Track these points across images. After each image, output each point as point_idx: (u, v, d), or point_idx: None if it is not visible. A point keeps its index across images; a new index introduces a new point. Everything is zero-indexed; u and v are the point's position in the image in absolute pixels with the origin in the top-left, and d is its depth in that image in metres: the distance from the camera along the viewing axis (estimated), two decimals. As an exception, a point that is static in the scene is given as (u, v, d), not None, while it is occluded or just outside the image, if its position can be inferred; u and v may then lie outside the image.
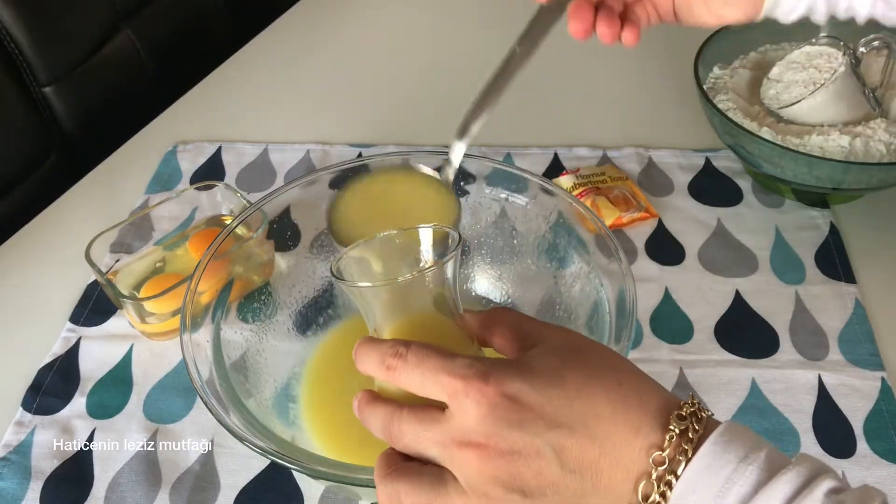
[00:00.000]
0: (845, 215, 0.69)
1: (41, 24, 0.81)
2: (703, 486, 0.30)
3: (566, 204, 0.53)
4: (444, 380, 0.32)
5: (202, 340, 0.47)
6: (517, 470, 0.31)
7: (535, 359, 0.33)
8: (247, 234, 0.54)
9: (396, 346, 0.34)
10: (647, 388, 0.33)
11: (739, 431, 0.31)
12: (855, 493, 0.29)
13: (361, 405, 0.36)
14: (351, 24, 1.01)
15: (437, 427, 0.33)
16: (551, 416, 0.31)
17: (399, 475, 0.34)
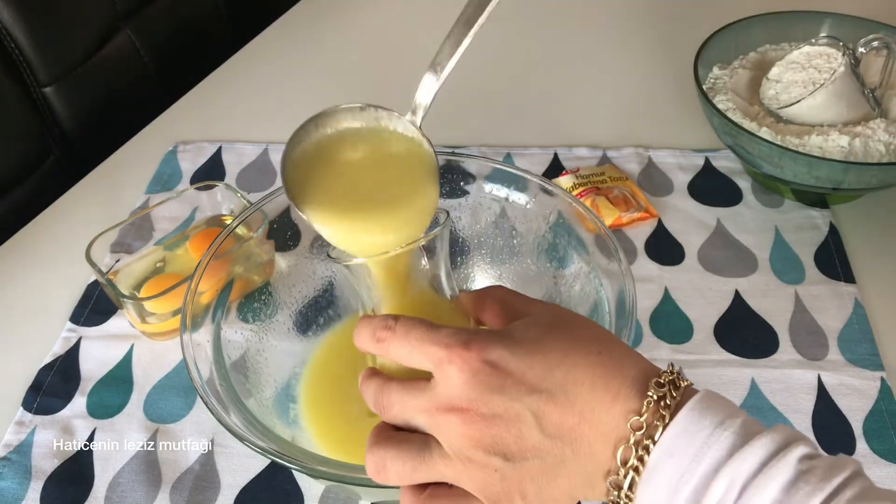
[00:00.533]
0: (845, 215, 0.69)
1: (41, 24, 0.81)
2: (679, 450, 0.30)
3: (566, 204, 0.53)
4: (430, 349, 0.33)
5: (202, 340, 0.47)
6: (498, 433, 0.32)
7: (518, 328, 0.34)
8: (247, 234, 0.54)
9: (386, 320, 0.35)
10: (628, 357, 0.34)
11: (716, 399, 0.32)
12: (827, 459, 0.30)
13: (361, 381, 0.38)
14: (351, 24, 1.01)
15: (423, 395, 0.34)
16: (532, 382, 0.32)
17: (386, 443, 0.35)
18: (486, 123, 0.80)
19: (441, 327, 0.34)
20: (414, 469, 0.34)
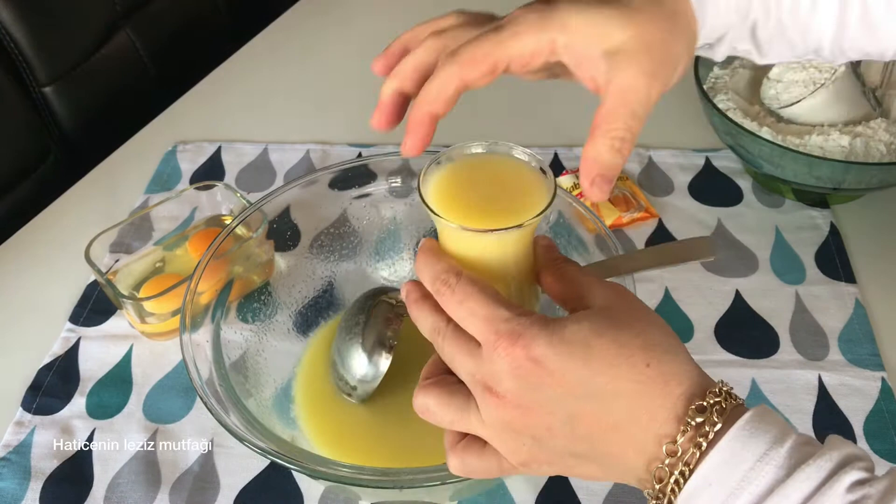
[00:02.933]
0: (845, 215, 0.69)
1: (41, 24, 0.81)
2: (717, 482, 0.30)
3: (566, 204, 0.53)
4: (480, 326, 0.34)
5: (202, 340, 0.47)
6: (530, 422, 0.33)
7: (570, 325, 0.34)
8: (247, 234, 0.54)
9: (449, 274, 0.37)
10: (676, 373, 0.34)
11: (763, 423, 0.31)
12: (881, 484, 0.29)
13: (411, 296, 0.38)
14: (351, 23, 1.01)
15: (471, 361, 0.35)
16: (571, 384, 0.33)
17: (435, 388, 0.37)
18: (487, 123, 0.79)
19: (497, 305, 0.34)
20: (453, 422, 0.36)
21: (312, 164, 0.78)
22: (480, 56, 0.38)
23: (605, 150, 0.38)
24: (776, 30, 0.43)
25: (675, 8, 0.39)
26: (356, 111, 0.85)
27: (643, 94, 0.38)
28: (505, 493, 0.51)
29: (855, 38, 0.43)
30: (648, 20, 0.38)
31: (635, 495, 0.50)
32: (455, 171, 0.42)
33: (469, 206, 0.40)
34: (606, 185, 0.38)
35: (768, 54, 0.45)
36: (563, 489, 0.51)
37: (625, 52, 0.37)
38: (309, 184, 0.55)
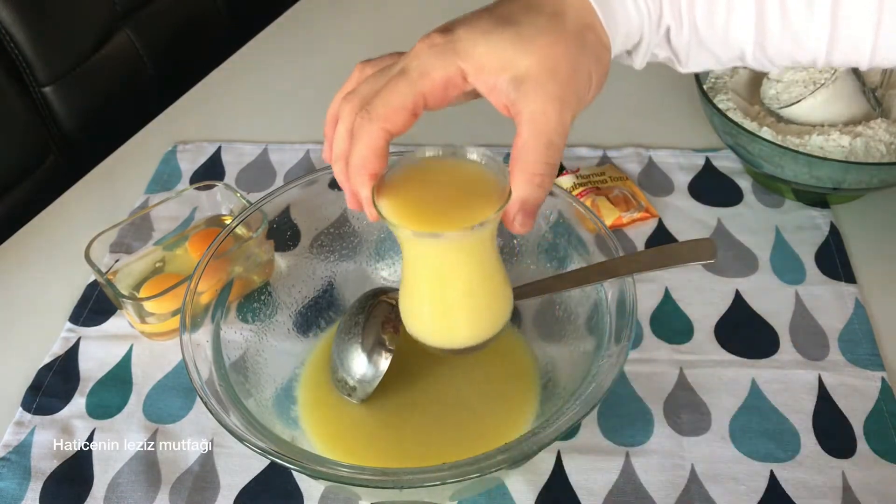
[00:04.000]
0: (845, 215, 0.69)
1: (41, 24, 0.81)
2: None
3: (566, 204, 0.53)
4: None
5: (202, 340, 0.47)
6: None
7: None
8: (247, 234, 0.54)
9: None
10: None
11: None
12: None
13: None
14: (351, 23, 1.01)
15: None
16: None
17: None
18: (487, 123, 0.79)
19: None
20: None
21: (312, 164, 0.78)
22: (396, 106, 0.39)
23: (524, 187, 0.38)
24: (692, 36, 0.42)
25: (580, 23, 0.39)
26: (356, 111, 0.85)
27: (555, 122, 0.38)
28: (505, 493, 0.51)
29: (779, 46, 0.42)
30: (551, 43, 0.38)
31: (635, 495, 0.50)
32: (408, 176, 0.42)
33: (422, 210, 0.40)
34: (528, 219, 0.39)
35: (688, 63, 0.45)
36: (563, 489, 0.51)
37: (530, 78, 0.37)
38: (309, 184, 0.55)
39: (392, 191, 0.41)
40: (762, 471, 0.51)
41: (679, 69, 0.45)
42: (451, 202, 0.40)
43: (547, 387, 0.52)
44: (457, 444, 0.50)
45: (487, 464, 0.39)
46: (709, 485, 0.51)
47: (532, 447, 0.40)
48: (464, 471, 0.39)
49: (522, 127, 0.38)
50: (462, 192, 0.41)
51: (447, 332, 0.45)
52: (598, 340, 0.47)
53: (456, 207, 0.40)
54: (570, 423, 0.41)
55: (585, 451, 0.53)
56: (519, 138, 0.38)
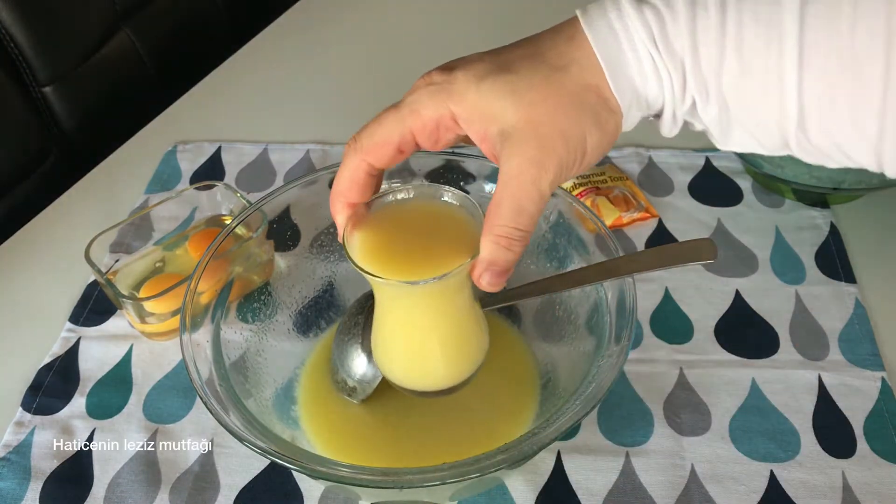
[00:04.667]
0: (845, 215, 0.69)
1: (41, 24, 0.81)
2: None
3: (566, 204, 0.53)
4: None
5: (202, 340, 0.47)
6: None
7: None
8: (247, 234, 0.54)
9: None
10: None
11: None
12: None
13: None
14: (350, 24, 1.01)
15: None
16: None
17: None
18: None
19: None
20: None
21: (312, 164, 0.78)
22: (382, 138, 0.38)
23: (490, 247, 0.37)
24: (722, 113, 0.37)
25: (581, 82, 0.36)
26: (356, 111, 0.85)
27: (528, 188, 0.36)
28: (505, 493, 0.51)
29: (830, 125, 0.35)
30: (541, 99, 0.36)
31: (635, 495, 0.50)
32: (382, 220, 0.41)
33: (390, 256, 0.39)
34: (495, 278, 0.38)
35: (726, 141, 0.39)
36: (563, 489, 0.51)
37: (514, 136, 0.36)
38: (309, 184, 0.55)
39: (364, 232, 0.41)
40: (762, 471, 0.51)
41: (718, 146, 0.40)
42: (421, 249, 0.40)
43: (547, 387, 0.52)
44: (457, 444, 0.50)
45: (487, 464, 0.39)
46: (709, 485, 0.51)
47: (532, 447, 0.40)
48: (464, 471, 0.39)
49: (498, 185, 0.36)
50: (434, 238, 0.40)
51: (418, 376, 0.45)
52: (598, 340, 0.47)
53: (425, 255, 0.39)
54: (570, 423, 0.41)
55: (585, 451, 0.53)
56: (494, 196, 0.37)
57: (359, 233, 0.41)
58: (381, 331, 0.45)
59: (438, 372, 0.45)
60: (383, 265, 0.39)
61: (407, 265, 0.39)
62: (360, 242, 0.40)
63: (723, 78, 0.35)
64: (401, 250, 0.40)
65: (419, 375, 0.45)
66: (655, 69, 0.36)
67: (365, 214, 0.41)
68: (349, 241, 0.40)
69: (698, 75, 0.36)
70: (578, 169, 0.37)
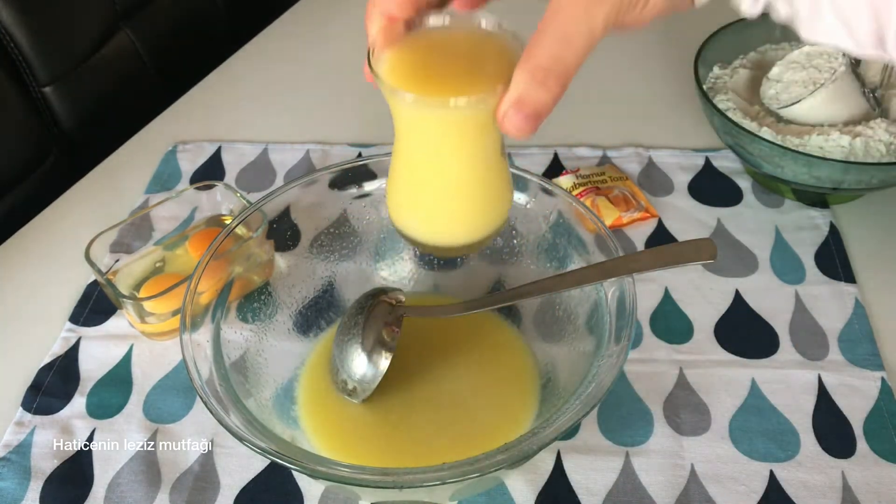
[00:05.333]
0: (845, 215, 0.69)
1: (41, 24, 0.81)
2: None
3: (566, 204, 0.53)
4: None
5: (202, 340, 0.47)
6: None
7: None
8: (247, 234, 0.54)
9: None
10: None
11: None
12: None
13: None
14: (351, 23, 1.01)
15: None
16: None
17: None
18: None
19: None
20: None
21: (312, 164, 0.78)
22: None
23: (522, 81, 0.32)
24: None
25: None
26: (356, 111, 0.86)
27: (579, 16, 0.32)
28: (505, 493, 0.51)
29: None
30: None
31: (635, 495, 0.50)
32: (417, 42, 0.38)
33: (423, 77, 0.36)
34: (523, 121, 0.33)
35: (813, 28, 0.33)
36: (563, 489, 0.51)
37: None
38: (309, 184, 0.55)
39: (395, 51, 0.37)
40: (762, 471, 0.51)
41: (801, 33, 0.34)
42: (454, 75, 0.36)
43: (547, 387, 0.52)
44: (457, 444, 0.50)
45: (487, 464, 0.39)
46: (708, 485, 0.51)
47: (532, 447, 0.40)
48: (464, 471, 0.39)
49: (545, 16, 0.32)
50: (472, 66, 0.37)
51: (438, 225, 0.41)
52: (598, 340, 0.47)
53: (458, 81, 0.36)
54: (570, 422, 0.41)
55: (585, 451, 0.53)
56: (539, 26, 0.32)
57: (389, 51, 0.37)
58: (400, 172, 0.41)
59: (458, 220, 0.41)
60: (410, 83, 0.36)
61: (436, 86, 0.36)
62: (389, 60, 0.37)
63: None
64: (432, 72, 0.36)
65: (437, 223, 0.41)
66: None
67: (400, 34, 0.38)
68: (378, 58, 0.37)
69: None
70: (637, 16, 0.33)
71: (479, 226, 0.41)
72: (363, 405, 0.52)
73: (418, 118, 0.37)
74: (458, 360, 0.55)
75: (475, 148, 0.38)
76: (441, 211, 0.41)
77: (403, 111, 0.37)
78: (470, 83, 0.35)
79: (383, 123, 0.85)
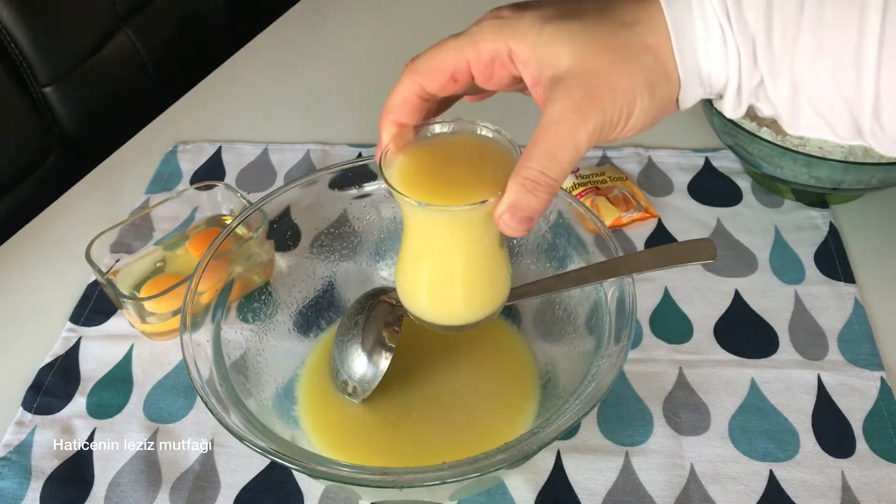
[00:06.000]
0: (845, 215, 0.69)
1: (41, 24, 0.81)
2: None
3: (566, 204, 0.53)
4: None
5: (202, 340, 0.47)
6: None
7: None
8: (247, 234, 0.54)
9: None
10: None
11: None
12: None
13: None
14: (351, 24, 1.01)
15: None
16: None
17: None
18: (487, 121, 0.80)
19: None
20: None
21: (312, 164, 0.78)
22: (437, 63, 0.38)
23: (514, 189, 0.36)
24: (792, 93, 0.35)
25: (643, 42, 0.35)
26: (356, 111, 0.86)
27: (564, 135, 0.35)
28: (505, 493, 0.51)
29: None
30: (599, 50, 0.35)
31: (635, 495, 0.50)
32: (425, 147, 0.42)
33: (426, 182, 0.40)
34: (514, 221, 0.37)
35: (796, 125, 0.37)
36: (562, 488, 0.51)
37: (563, 81, 0.35)
38: (309, 184, 0.55)
39: (404, 156, 0.41)
40: (761, 470, 0.51)
41: (787, 130, 0.38)
42: (458, 180, 0.40)
43: (547, 386, 0.53)
44: (457, 444, 0.50)
45: (487, 463, 0.39)
46: (708, 484, 0.51)
47: (532, 447, 0.40)
48: (464, 470, 0.39)
49: (537, 129, 0.36)
50: (474, 172, 0.40)
51: (441, 307, 0.45)
52: (598, 340, 0.47)
53: (461, 186, 0.39)
54: (570, 422, 0.41)
55: (585, 451, 0.53)
56: (531, 138, 0.36)
57: (399, 156, 0.41)
58: (409, 260, 0.45)
59: (461, 304, 0.45)
60: (417, 189, 0.39)
61: (441, 192, 0.39)
62: (398, 165, 0.41)
63: (796, 56, 0.34)
64: (437, 178, 0.40)
65: (442, 307, 0.45)
66: (723, 42, 0.35)
67: (410, 140, 0.41)
68: (389, 163, 0.40)
69: (769, 51, 0.34)
70: (620, 132, 0.36)
71: (478, 309, 0.45)
72: (363, 405, 0.52)
73: (424, 219, 0.41)
74: (458, 360, 0.55)
75: (475, 244, 0.42)
76: (443, 296, 0.45)
77: (410, 212, 0.42)
78: (471, 190, 0.39)
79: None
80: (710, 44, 0.35)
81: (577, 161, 0.36)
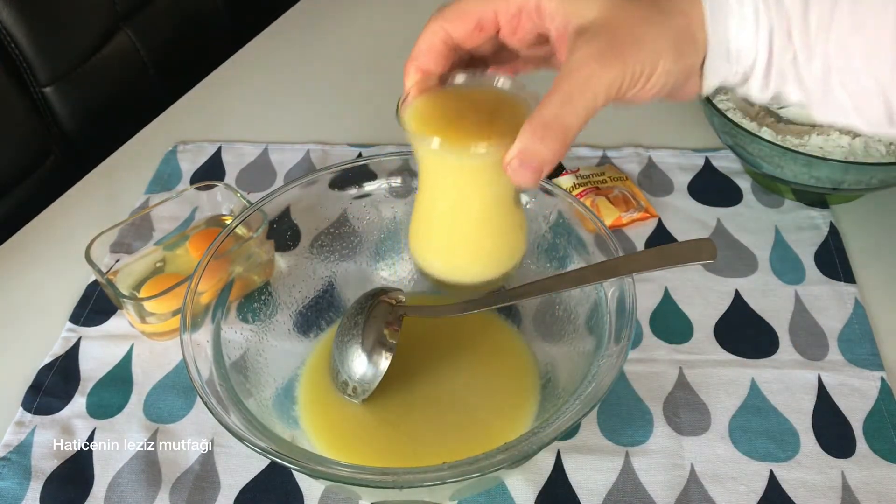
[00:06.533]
0: (845, 215, 0.69)
1: (41, 24, 0.81)
2: None
3: (566, 204, 0.53)
4: None
5: (202, 340, 0.47)
6: None
7: None
8: (247, 234, 0.54)
9: None
10: None
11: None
12: None
13: None
14: (351, 24, 1.01)
15: None
16: None
17: None
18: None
19: None
20: None
21: (312, 164, 0.78)
22: (465, 9, 0.38)
23: (524, 135, 0.35)
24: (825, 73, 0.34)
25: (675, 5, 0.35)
26: (356, 111, 0.86)
27: (582, 82, 0.34)
28: (505, 493, 0.51)
29: None
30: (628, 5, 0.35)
31: (635, 495, 0.50)
32: (446, 95, 0.41)
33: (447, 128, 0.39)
34: (525, 172, 0.36)
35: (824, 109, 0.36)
36: (563, 489, 0.51)
37: (589, 31, 0.34)
38: (309, 184, 0.55)
39: (423, 101, 0.41)
40: (762, 470, 0.51)
41: (813, 116, 0.37)
42: (476, 126, 0.39)
43: (547, 386, 0.53)
44: (457, 444, 0.50)
45: (487, 463, 0.39)
46: (708, 485, 0.51)
47: (532, 447, 0.40)
48: (464, 470, 0.39)
49: (557, 77, 0.35)
50: (492, 120, 0.40)
51: (455, 263, 0.44)
52: (598, 340, 0.47)
53: (478, 133, 0.39)
54: (570, 422, 0.41)
55: (585, 451, 0.53)
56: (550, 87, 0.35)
57: (418, 100, 0.41)
58: (422, 213, 0.44)
59: (473, 259, 0.44)
60: (429, 130, 0.39)
61: (452, 136, 0.39)
62: (415, 107, 0.40)
63: (831, 34, 0.33)
64: (451, 122, 0.40)
65: (453, 261, 0.44)
66: (756, 16, 0.34)
67: (432, 87, 0.41)
68: (408, 107, 0.40)
69: (805, 28, 0.33)
70: (640, 91, 0.35)
71: (492, 265, 0.44)
72: (363, 405, 0.52)
73: (435, 162, 0.41)
74: (459, 360, 0.55)
75: (488, 193, 0.41)
76: (457, 250, 0.44)
77: (424, 155, 0.41)
78: (484, 136, 0.38)
79: (383, 123, 0.85)
80: (744, 17, 0.34)
81: (594, 111, 0.35)
